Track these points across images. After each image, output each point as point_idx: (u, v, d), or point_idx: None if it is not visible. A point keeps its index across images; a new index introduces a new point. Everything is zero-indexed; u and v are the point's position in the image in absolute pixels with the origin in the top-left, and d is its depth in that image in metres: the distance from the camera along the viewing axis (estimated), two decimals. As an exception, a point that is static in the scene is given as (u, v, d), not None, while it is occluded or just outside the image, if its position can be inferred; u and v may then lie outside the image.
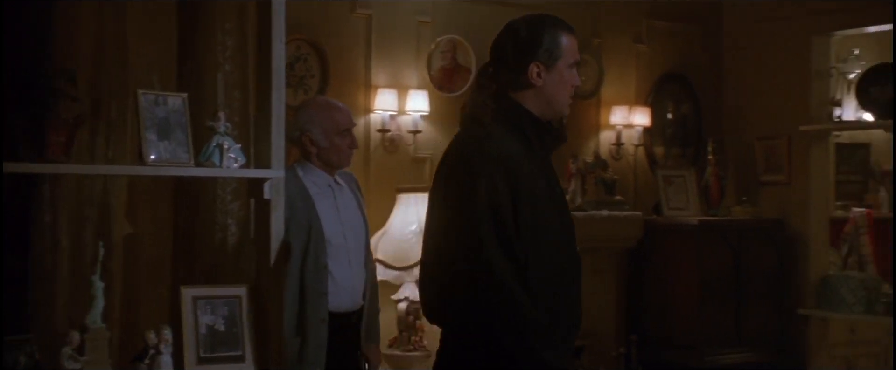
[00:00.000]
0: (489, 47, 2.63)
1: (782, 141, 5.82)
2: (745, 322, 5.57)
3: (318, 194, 3.55)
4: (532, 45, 2.54)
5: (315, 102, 3.77)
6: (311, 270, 3.45)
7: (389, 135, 4.97)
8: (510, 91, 2.54)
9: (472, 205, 2.38)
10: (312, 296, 3.45)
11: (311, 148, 3.56)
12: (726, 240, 5.53)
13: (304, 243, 3.45)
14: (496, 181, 2.39)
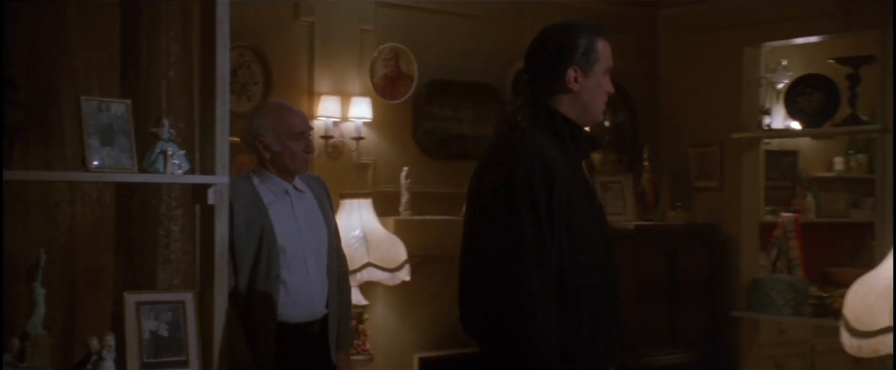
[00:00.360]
0: (530, 49, 2.56)
1: (715, 148, 5.88)
2: (679, 323, 5.62)
3: (274, 202, 3.41)
4: (570, 49, 2.50)
5: (267, 106, 3.66)
6: (262, 280, 3.32)
7: (332, 141, 4.96)
8: (546, 96, 2.50)
9: (510, 211, 2.32)
10: (262, 306, 3.31)
11: (264, 153, 3.43)
12: (662, 245, 5.59)
13: (255, 252, 3.32)
14: (536, 188, 2.33)
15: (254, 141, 3.43)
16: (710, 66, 5.89)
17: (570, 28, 2.54)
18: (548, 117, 2.47)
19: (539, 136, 2.43)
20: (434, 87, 5.31)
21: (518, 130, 2.45)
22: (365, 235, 4.60)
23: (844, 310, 2.83)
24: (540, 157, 2.37)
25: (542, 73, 2.50)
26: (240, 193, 3.31)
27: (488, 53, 5.54)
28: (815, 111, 5.52)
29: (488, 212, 2.36)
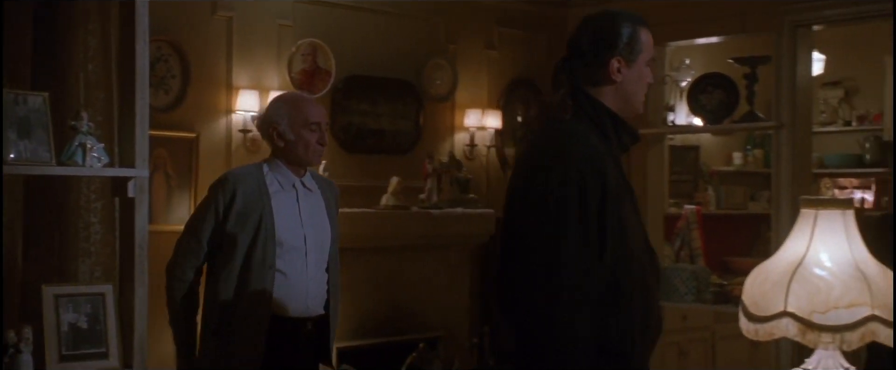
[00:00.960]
0: (572, 37, 2.42)
1: None
2: None
3: (279, 192, 3.27)
4: (614, 39, 2.37)
5: (285, 95, 3.52)
6: (257, 269, 3.17)
7: (251, 135, 4.92)
8: (588, 87, 2.37)
9: (563, 217, 2.18)
10: (252, 295, 3.16)
11: (278, 141, 3.29)
12: None
13: (251, 239, 3.17)
14: (591, 193, 2.19)
15: (268, 128, 3.30)
16: None
17: (614, 17, 2.42)
18: (591, 109, 2.35)
19: (583, 129, 2.31)
20: (352, 82, 5.30)
21: (564, 124, 2.32)
22: (284, 228, 4.58)
23: (743, 297, 2.91)
24: (592, 160, 2.24)
25: (585, 62, 2.37)
26: (245, 180, 3.24)
27: (405, 49, 5.56)
28: (715, 108, 5.60)
29: (540, 217, 2.20)
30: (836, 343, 2.71)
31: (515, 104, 6.09)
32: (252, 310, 3.16)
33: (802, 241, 2.82)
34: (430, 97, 5.65)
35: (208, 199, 3.23)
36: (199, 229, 3.19)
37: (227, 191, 3.18)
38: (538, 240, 2.19)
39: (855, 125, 7.58)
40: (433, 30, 5.68)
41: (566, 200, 2.18)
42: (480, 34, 5.90)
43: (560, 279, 2.16)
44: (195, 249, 3.19)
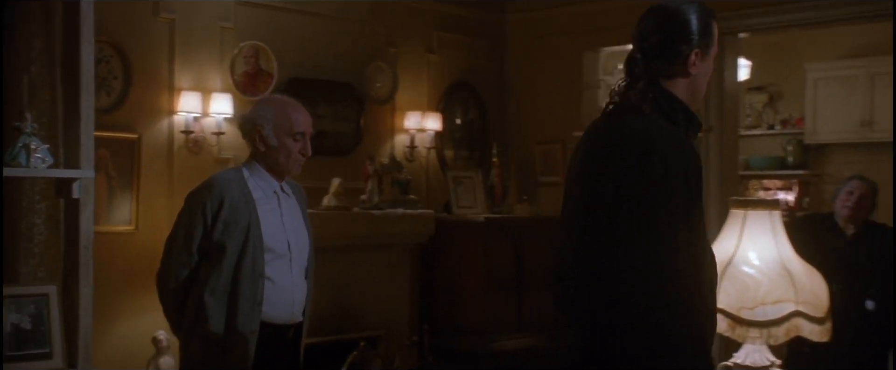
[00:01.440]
0: (650, 29, 2.30)
1: (558, 145, 5.99)
2: (525, 310, 5.69)
3: (262, 199, 3.14)
4: (693, 31, 2.29)
5: (273, 99, 3.34)
6: (247, 277, 3.05)
7: (193, 136, 4.88)
8: (662, 79, 2.27)
9: (664, 197, 2.12)
10: (245, 304, 3.04)
11: (260, 145, 3.14)
12: (509, 236, 5.66)
13: (240, 247, 3.05)
14: (690, 178, 2.15)
15: (252, 130, 3.16)
16: (554, 68, 6.04)
17: (694, 8, 2.31)
18: (666, 102, 2.27)
19: (663, 121, 2.23)
20: (294, 84, 5.28)
21: (644, 116, 2.23)
22: (226, 228, 4.55)
23: None
24: (683, 148, 2.19)
25: (663, 54, 2.28)
26: (230, 187, 3.09)
27: (346, 53, 5.56)
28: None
29: (642, 205, 2.13)
30: (763, 337, 2.79)
31: (455, 107, 6.13)
32: (245, 320, 3.04)
33: (732, 241, 2.90)
34: (370, 100, 5.66)
35: (195, 207, 3.08)
36: (190, 238, 3.05)
37: (214, 199, 3.05)
38: (644, 216, 2.13)
39: (778, 129, 7.78)
40: (374, 33, 5.69)
41: (672, 183, 2.14)
42: (421, 38, 5.92)
43: (661, 255, 2.13)
44: (186, 260, 3.06)
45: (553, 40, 6.05)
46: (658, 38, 2.28)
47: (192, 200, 3.12)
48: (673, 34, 2.28)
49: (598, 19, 5.85)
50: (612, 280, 2.15)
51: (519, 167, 6.13)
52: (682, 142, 2.21)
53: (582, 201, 2.23)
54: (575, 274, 2.23)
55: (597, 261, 2.17)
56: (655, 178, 2.13)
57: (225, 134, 4.96)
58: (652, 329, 2.14)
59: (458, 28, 6.09)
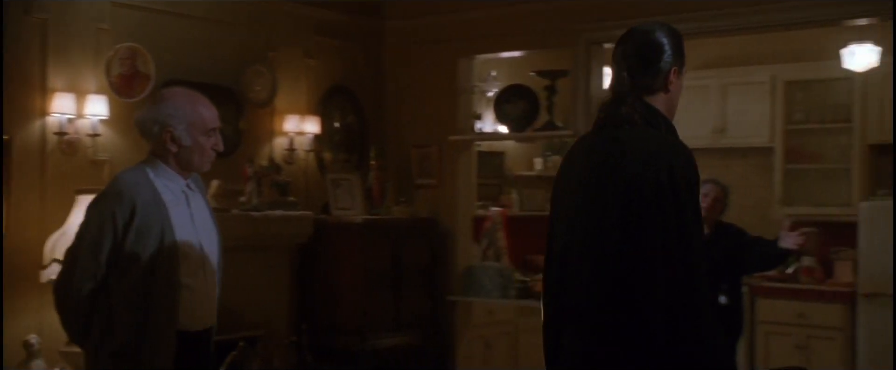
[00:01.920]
0: (631, 50, 2.42)
1: (434, 149, 6.02)
2: (403, 308, 5.73)
3: (172, 201, 2.92)
4: (678, 50, 2.44)
5: (177, 95, 3.02)
6: (162, 287, 2.84)
7: (67, 138, 4.70)
8: (645, 95, 2.40)
9: (682, 210, 2.25)
10: (160, 316, 2.83)
11: (170, 145, 2.90)
12: (387, 237, 5.68)
13: (153, 256, 2.83)
14: (694, 186, 2.30)
15: (161, 131, 2.90)
16: (430, 74, 6.05)
17: (668, 30, 2.45)
18: (653, 115, 2.39)
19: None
20: (172, 86, 5.13)
21: (638, 127, 2.36)
22: (102, 231, 4.40)
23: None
24: (689, 154, 2.33)
25: (647, 71, 2.40)
26: (140, 192, 2.86)
27: (225, 56, 5.45)
28: (519, 117, 5.81)
29: (656, 212, 2.24)
30: None
31: (333, 111, 6.09)
32: (161, 330, 2.84)
33: None
34: (250, 103, 5.57)
35: (104, 215, 2.84)
36: (98, 248, 2.81)
37: (125, 207, 2.81)
38: (672, 222, 2.24)
39: (641, 134, 8.02)
40: (253, 37, 5.60)
41: (692, 189, 2.29)
42: (299, 43, 5.86)
43: (693, 255, 2.25)
44: (93, 271, 2.82)
45: (429, 47, 6.07)
46: (640, 57, 2.41)
47: (99, 208, 2.88)
48: (658, 53, 2.41)
49: (472, 28, 5.92)
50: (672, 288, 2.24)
51: (396, 170, 6.12)
52: (690, 156, 2.35)
53: (607, 207, 2.30)
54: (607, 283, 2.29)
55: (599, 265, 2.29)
56: (692, 180, 2.30)
57: (101, 135, 4.79)
58: (702, 327, 2.25)
59: (336, 33, 6.05)
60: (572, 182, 2.44)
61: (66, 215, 4.49)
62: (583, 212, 2.38)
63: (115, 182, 2.93)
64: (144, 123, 2.96)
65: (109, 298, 2.85)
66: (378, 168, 5.92)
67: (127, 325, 2.83)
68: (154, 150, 2.97)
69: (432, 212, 6.03)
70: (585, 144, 2.48)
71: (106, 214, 2.84)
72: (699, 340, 2.25)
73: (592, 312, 2.32)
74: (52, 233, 4.45)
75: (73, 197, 4.52)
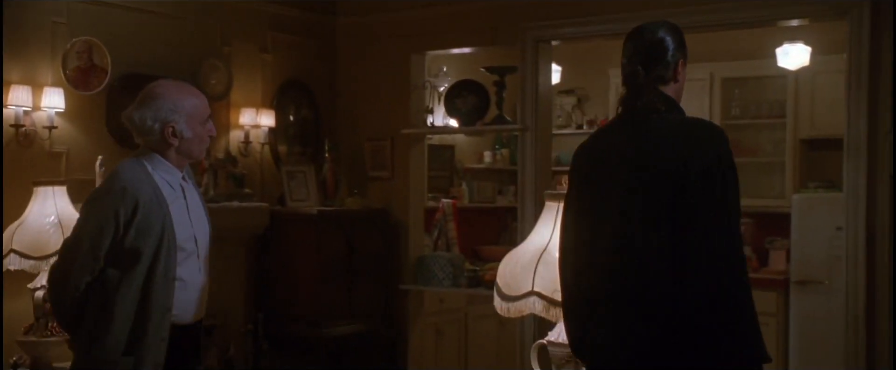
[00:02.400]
0: (642, 46, 2.60)
1: (387, 142, 6.02)
2: (356, 297, 5.74)
3: (171, 195, 2.90)
4: (681, 43, 2.63)
5: (171, 88, 2.99)
6: (160, 283, 2.81)
7: (24, 130, 4.64)
8: (660, 85, 2.58)
9: (734, 181, 2.46)
10: (157, 311, 2.81)
11: (172, 140, 2.87)
12: (341, 227, 5.69)
13: (154, 252, 2.80)
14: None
15: (163, 127, 2.87)
16: (383, 69, 6.07)
17: (674, 26, 2.65)
18: (671, 103, 2.59)
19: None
20: (128, 80, 5.09)
21: (664, 114, 2.54)
22: (61, 221, 4.36)
23: (497, 280, 3.09)
24: (726, 136, 2.53)
25: (663, 63, 2.59)
26: (142, 189, 2.82)
27: (181, 50, 5.41)
28: (469, 112, 5.85)
29: (710, 194, 2.41)
30: None
31: (288, 104, 6.07)
32: (156, 327, 2.82)
33: (547, 230, 3.04)
34: (206, 96, 5.52)
35: (106, 212, 2.80)
36: (97, 245, 2.78)
37: (128, 204, 2.78)
38: (734, 198, 2.44)
39: (585, 128, 8.11)
40: (208, 32, 5.57)
41: (735, 170, 2.48)
42: (254, 38, 5.84)
43: (739, 231, 2.45)
44: (90, 266, 2.79)
45: (382, 43, 6.08)
46: (660, 50, 2.59)
47: (101, 205, 2.84)
48: (670, 46, 2.60)
49: (423, 25, 5.95)
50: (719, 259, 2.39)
51: (350, 162, 6.13)
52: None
53: (661, 193, 2.44)
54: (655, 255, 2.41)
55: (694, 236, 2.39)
56: (730, 175, 2.46)
57: (57, 128, 4.75)
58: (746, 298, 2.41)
59: (290, 29, 6.05)
60: (607, 172, 2.57)
61: (24, 206, 4.45)
62: (633, 200, 2.48)
63: (117, 178, 2.86)
64: (143, 121, 2.91)
65: (109, 293, 2.81)
66: (332, 160, 5.92)
67: (123, 321, 2.80)
68: (154, 145, 2.92)
69: (385, 204, 6.05)
70: (614, 136, 2.63)
71: (108, 211, 2.80)
72: (752, 315, 2.41)
73: (653, 293, 2.42)
74: (9, 224, 4.41)
75: (30, 188, 4.48)
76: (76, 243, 2.85)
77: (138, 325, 2.81)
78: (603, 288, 2.51)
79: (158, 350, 2.84)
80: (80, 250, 2.81)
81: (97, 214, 2.82)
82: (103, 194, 2.86)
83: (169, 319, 2.85)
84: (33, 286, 4.40)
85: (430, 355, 6.31)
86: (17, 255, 4.30)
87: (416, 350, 6.04)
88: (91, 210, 2.85)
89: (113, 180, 2.87)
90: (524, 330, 5.41)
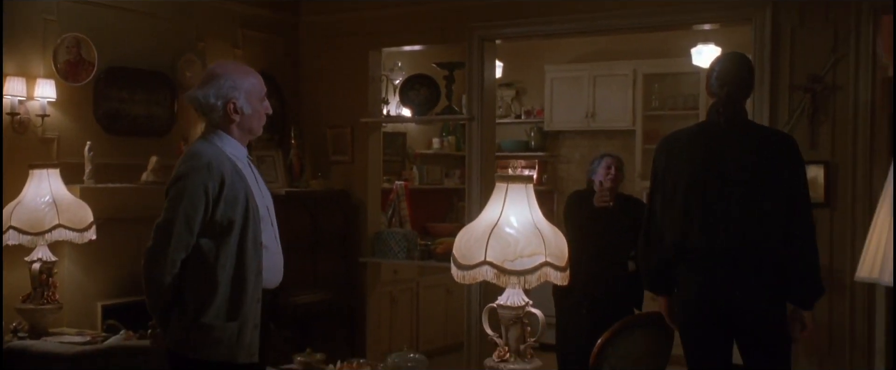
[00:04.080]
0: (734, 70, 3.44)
1: (347, 130, 6.06)
2: (320, 269, 5.80)
3: (244, 168, 2.86)
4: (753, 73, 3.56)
5: (231, 68, 2.92)
6: (251, 249, 2.78)
7: (18, 118, 4.69)
8: (743, 100, 3.43)
9: (803, 165, 3.35)
10: (252, 275, 2.79)
11: (234, 116, 2.81)
12: (306, 206, 5.74)
13: (243, 220, 2.76)
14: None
15: (225, 103, 2.81)
16: (343, 64, 6.11)
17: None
18: (746, 113, 3.47)
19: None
20: (112, 72, 5.16)
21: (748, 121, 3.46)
22: (55, 201, 4.44)
23: (454, 251, 3.18)
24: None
25: (747, 86, 3.44)
26: (223, 162, 2.78)
27: (160, 45, 5.47)
28: (421, 102, 5.94)
29: (797, 176, 3.30)
30: (521, 283, 3.02)
31: (258, 95, 6.10)
32: (253, 288, 2.80)
33: (497, 208, 3.14)
34: (182, 88, 5.58)
35: (196, 189, 2.74)
36: (191, 220, 2.72)
37: (215, 178, 2.74)
38: (804, 180, 3.34)
39: (523, 118, 8.33)
40: (185, 29, 5.63)
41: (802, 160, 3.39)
42: (227, 35, 5.89)
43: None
44: (186, 241, 2.74)
45: (342, 40, 6.14)
46: (743, 75, 3.41)
47: (190, 182, 2.75)
48: (749, 73, 3.46)
49: (380, 24, 6.03)
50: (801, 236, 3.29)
51: (313, 148, 6.18)
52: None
53: (749, 183, 3.28)
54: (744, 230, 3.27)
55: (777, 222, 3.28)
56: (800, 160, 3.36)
57: (49, 116, 4.79)
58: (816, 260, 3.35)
59: (259, 27, 6.11)
60: (712, 159, 3.32)
61: (21, 187, 4.51)
62: (741, 178, 3.28)
63: (199, 156, 2.80)
64: (206, 100, 2.84)
65: (205, 264, 2.76)
66: (297, 146, 5.96)
67: (225, 286, 2.76)
68: (218, 122, 2.87)
69: (345, 185, 6.09)
70: (716, 132, 3.36)
71: (198, 188, 2.74)
72: (818, 262, 3.34)
73: (750, 248, 3.26)
74: (7, 203, 4.46)
75: (26, 171, 4.53)
76: (171, 222, 2.75)
77: (237, 291, 2.77)
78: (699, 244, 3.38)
79: (256, 312, 2.82)
80: (176, 228, 2.73)
81: (189, 192, 2.74)
82: (190, 172, 2.77)
83: (261, 282, 2.83)
84: (30, 259, 4.48)
85: (385, 320, 6.43)
86: (15, 231, 4.36)
87: (374, 315, 6.13)
88: (181, 189, 2.76)
89: (195, 158, 2.80)
90: (471, 297, 5.57)
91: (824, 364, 4.54)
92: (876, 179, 4.38)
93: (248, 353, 2.84)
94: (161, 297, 2.80)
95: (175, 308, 2.82)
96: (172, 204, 2.77)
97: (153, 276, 2.77)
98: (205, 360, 2.80)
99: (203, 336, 2.78)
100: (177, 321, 2.82)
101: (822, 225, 4.52)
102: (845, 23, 4.53)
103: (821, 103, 4.57)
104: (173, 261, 2.75)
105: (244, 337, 2.81)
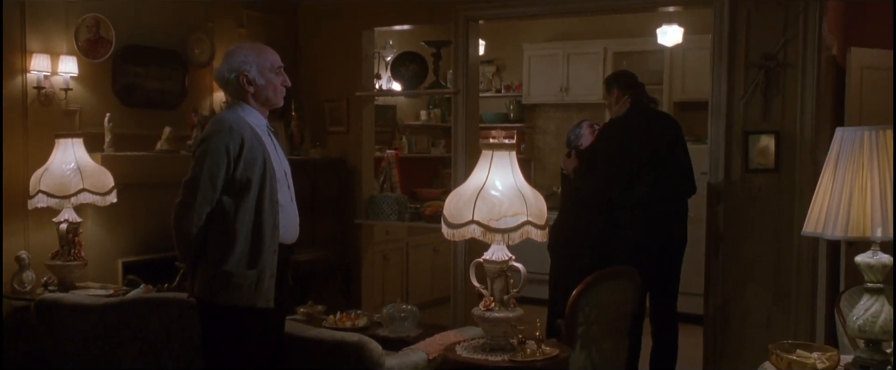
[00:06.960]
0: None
1: (343, 103, 6.10)
2: (318, 230, 5.86)
3: (263, 135, 2.95)
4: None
5: (244, 45, 3.04)
6: (268, 206, 2.86)
7: (44, 91, 4.74)
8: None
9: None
10: (268, 229, 2.87)
11: (248, 87, 2.89)
12: (305, 173, 5.73)
13: (260, 179, 2.84)
14: None
15: (237, 76, 2.90)
16: (339, 42, 6.12)
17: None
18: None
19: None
20: (129, 50, 5.21)
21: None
22: (79, 167, 4.52)
23: (444, 211, 3.28)
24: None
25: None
26: (244, 126, 2.86)
27: (172, 25, 5.49)
28: (411, 78, 5.98)
29: (685, 153, 4.59)
30: (505, 240, 3.15)
31: (261, 71, 6.13)
32: (270, 240, 2.89)
33: (483, 173, 3.25)
34: (192, 64, 5.65)
35: (219, 149, 2.82)
36: (215, 177, 2.81)
37: (235, 140, 2.83)
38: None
39: (503, 92, 8.40)
40: (195, 10, 5.66)
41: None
42: (233, 15, 5.91)
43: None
44: (210, 197, 2.83)
45: (337, 21, 6.14)
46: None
47: (214, 143, 2.84)
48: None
49: (372, 5, 6.02)
50: (687, 185, 4.51)
51: (312, 119, 6.21)
52: None
53: (653, 155, 4.39)
54: (657, 187, 4.40)
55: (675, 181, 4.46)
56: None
57: (72, 90, 4.85)
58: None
59: (262, 8, 6.12)
60: (638, 143, 4.46)
61: (47, 155, 4.58)
62: (655, 157, 4.36)
63: (222, 121, 2.89)
64: (221, 74, 2.95)
65: (225, 218, 2.83)
66: (298, 118, 5.98)
67: (244, 238, 2.84)
68: (235, 94, 2.95)
69: (341, 154, 6.12)
70: (642, 119, 4.54)
71: (220, 148, 2.82)
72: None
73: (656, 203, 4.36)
74: (35, 169, 4.53)
75: (52, 140, 4.60)
76: (197, 178, 2.83)
77: (255, 243, 2.86)
78: (630, 201, 4.54)
79: (273, 262, 2.90)
80: (201, 184, 2.83)
81: (212, 152, 2.84)
82: (214, 134, 2.87)
83: (278, 237, 2.92)
84: (58, 220, 4.56)
85: (378, 276, 6.52)
86: (43, 195, 4.44)
87: (368, 271, 6.20)
88: (206, 149, 2.85)
89: (219, 123, 2.91)
90: (458, 254, 5.68)
91: (776, 304, 4.72)
92: (820, 148, 4.53)
93: (266, 299, 2.92)
94: (190, 247, 2.89)
95: (201, 260, 2.92)
96: (198, 162, 2.87)
97: (182, 227, 2.86)
98: (227, 306, 2.89)
99: (225, 282, 2.86)
100: (202, 271, 2.92)
101: (772, 187, 4.67)
102: (795, 6, 4.65)
103: (773, 79, 4.68)
104: (199, 214, 2.83)
105: (262, 284, 2.88)
